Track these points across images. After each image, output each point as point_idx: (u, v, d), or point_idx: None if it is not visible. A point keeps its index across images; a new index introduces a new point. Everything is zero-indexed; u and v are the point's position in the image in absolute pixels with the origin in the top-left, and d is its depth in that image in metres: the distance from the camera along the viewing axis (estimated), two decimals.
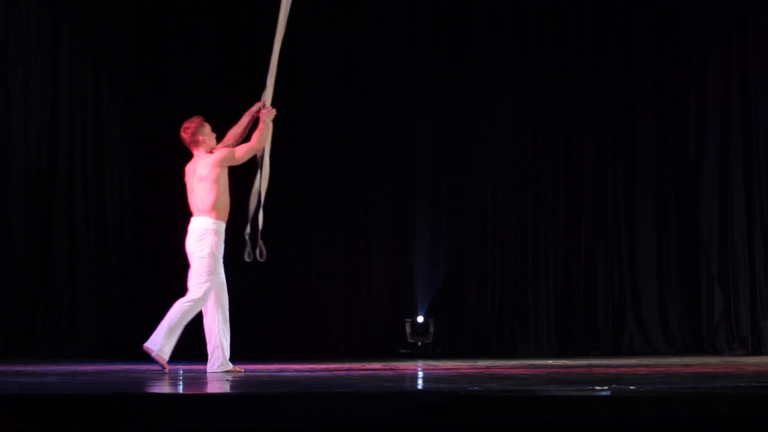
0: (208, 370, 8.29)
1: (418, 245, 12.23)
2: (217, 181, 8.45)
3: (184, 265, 11.61)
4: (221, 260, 8.47)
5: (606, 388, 5.99)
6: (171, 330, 8.31)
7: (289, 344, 11.73)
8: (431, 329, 11.75)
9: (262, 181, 8.63)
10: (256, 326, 11.85)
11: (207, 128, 8.66)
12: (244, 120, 8.82)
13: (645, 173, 12.40)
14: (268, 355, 10.78)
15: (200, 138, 8.60)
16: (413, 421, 5.61)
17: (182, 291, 11.63)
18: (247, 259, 8.60)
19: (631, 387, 6.19)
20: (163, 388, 6.89)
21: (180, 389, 6.82)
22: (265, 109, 8.76)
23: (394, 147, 12.29)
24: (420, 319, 11.81)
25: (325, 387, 6.85)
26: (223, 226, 8.48)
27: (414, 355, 11.58)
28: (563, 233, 12.39)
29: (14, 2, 11.40)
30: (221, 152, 8.54)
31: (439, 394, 6.03)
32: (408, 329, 11.76)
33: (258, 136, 8.64)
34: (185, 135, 8.63)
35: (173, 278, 11.70)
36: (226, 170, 8.57)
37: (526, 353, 11.79)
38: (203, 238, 8.42)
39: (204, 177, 8.46)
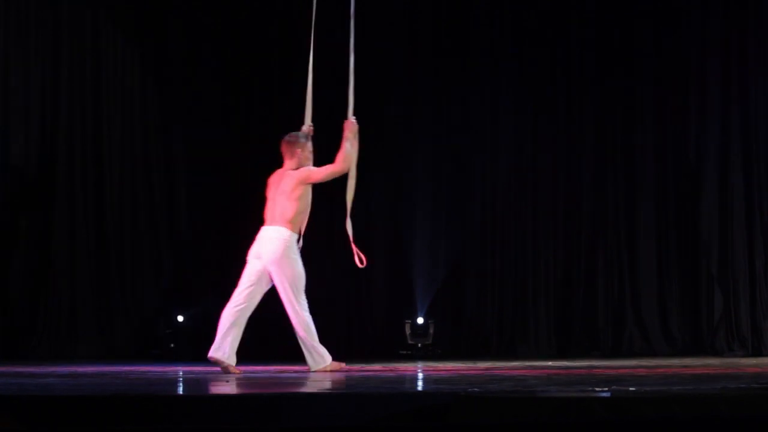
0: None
1: (418, 245, 12.22)
2: (299, 198, 8.59)
3: (188, 265, 11.66)
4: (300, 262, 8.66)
5: (606, 389, 5.99)
6: (313, 345, 8.63)
7: (289, 345, 11.70)
8: (431, 330, 11.74)
9: (348, 192, 8.77)
10: (256, 327, 11.83)
11: (309, 146, 8.80)
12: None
13: (645, 173, 12.40)
14: (267, 356, 10.77)
15: (298, 151, 8.72)
16: (413, 422, 5.61)
17: (184, 290, 11.68)
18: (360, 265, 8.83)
19: (631, 388, 6.19)
20: (163, 389, 6.89)
21: (180, 391, 6.82)
22: (347, 123, 8.81)
23: (394, 147, 12.28)
24: (420, 320, 11.79)
25: (325, 388, 6.85)
26: (296, 237, 8.62)
27: (414, 356, 11.57)
28: (563, 233, 12.39)
29: (14, 2, 11.40)
30: (303, 171, 8.67)
31: (438, 395, 6.03)
32: (408, 330, 11.75)
33: (342, 157, 8.74)
34: (286, 143, 8.78)
35: (174, 278, 11.73)
36: (310, 189, 8.67)
37: (525, 354, 11.79)
38: (284, 254, 8.53)
39: (287, 192, 8.60)
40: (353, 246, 8.79)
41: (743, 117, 12.18)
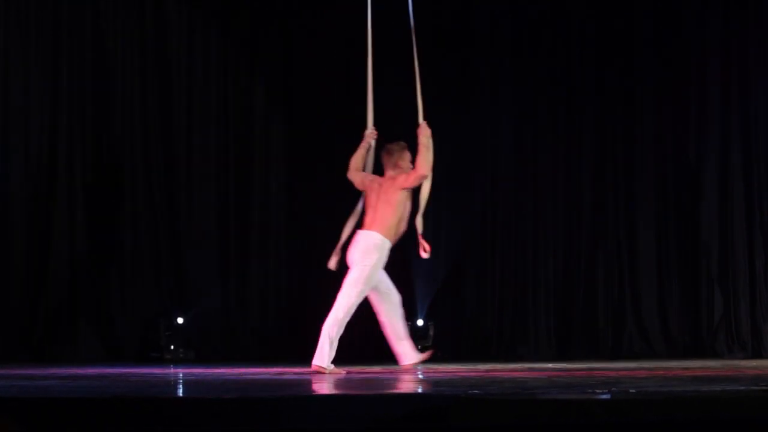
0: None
1: (418, 247, 12.19)
2: (398, 204, 8.74)
3: (188, 265, 11.65)
4: (379, 271, 8.79)
5: (606, 391, 5.99)
6: (329, 342, 8.63)
7: (288, 347, 11.71)
8: (431, 332, 11.73)
9: (422, 192, 8.84)
10: (256, 329, 11.84)
11: (408, 156, 8.92)
12: (361, 152, 9.03)
13: (645, 174, 12.41)
14: (267, 358, 10.77)
15: (400, 163, 8.89)
16: (413, 424, 5.60)
17: (184, 291, 11.68)
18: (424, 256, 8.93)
19: (631, 390, 6.19)
20: (163, 391, 6.88)
21: (180, 393, 6.81)
22: (420, 128, 8.91)
23: None
24: (420, 322, 11.78)
25: (325, 390, 6.85)
26: (389, 244, 8.76)
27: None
28: (563, 235, 12.39)
29: (14, 2, 11.40)
30: (400, 176, 8.80)
31: (438, 397, 6.03)
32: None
33: (421, 161, 8.79)
34: (388, 156, 8.92)
35: (174, 279, 11.72)
36: (409, 197, 8.80)
37: (526, 356, 11.79)
38: (369, 252, 8.67)
39: (387, 198, 8.73)
40: (420, 238, 8.83)
41: (743, 117, 12.20)
